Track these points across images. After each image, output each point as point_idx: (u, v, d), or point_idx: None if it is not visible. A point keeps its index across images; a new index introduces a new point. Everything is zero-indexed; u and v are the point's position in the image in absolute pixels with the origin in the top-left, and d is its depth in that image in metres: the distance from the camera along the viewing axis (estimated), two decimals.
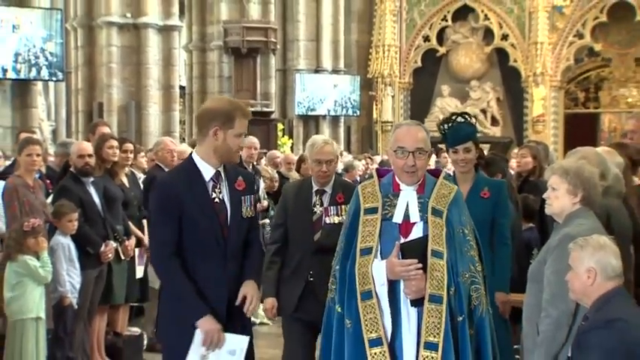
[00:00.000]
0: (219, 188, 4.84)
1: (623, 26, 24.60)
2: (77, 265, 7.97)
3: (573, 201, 4.84)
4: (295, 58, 23.85)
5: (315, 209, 5.99)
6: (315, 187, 6.01)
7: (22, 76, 14.78)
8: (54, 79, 16.85)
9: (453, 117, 6.13)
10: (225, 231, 4.80)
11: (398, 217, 4.48)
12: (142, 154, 10.50)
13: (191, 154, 4.92)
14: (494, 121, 25.73)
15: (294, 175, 12.44)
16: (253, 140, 12.12)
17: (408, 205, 4.49)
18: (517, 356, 6.48)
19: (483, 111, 25.70)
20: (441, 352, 4.20)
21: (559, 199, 4.86)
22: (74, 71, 18.72)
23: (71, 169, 8.54)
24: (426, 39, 25.72)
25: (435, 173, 4.66)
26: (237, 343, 4.75)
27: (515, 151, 10.32)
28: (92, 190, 8.40)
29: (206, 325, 4.65)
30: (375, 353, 4.33)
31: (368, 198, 4.60)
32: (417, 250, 4.30)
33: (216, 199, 4.81)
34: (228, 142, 4.73)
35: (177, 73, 19.15)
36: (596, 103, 26.31)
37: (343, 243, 4.65)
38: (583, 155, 5.68)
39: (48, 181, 9.44)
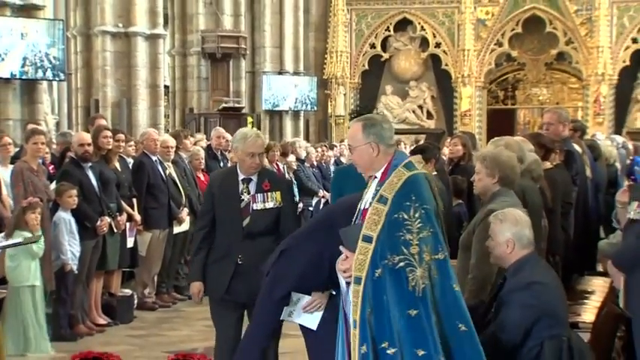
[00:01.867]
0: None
1: (535, 36, 24.74)
2: (77, 236, 7.96)
3: (492, 182, 4.87)
4: (262, 61, 23.73)
5: (243, 197, 5.47)
6: (241, 176, 5.51)
7: (29, 76, 14.64)
8: (57, 79, 16.64)
9: (364, 108, 5.81)
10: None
11: (362, 204, 4.21)
12: (131, 143, 10.44)
13: None
14: (429, 115, 25.81)
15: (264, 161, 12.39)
16: (221, 131, 12.12)
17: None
18: None
19: (420, 107, 25.78)
20: (358, 329, 3.88)
21: (481, 181, 4.89)
22: (74, 73, 18.54)
23: (72, 155, 8.50)
24: (372, 46, 25.70)
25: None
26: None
27: (448, 140, 10.33)
28: (90, 174, 8.38)
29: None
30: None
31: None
32: (353, 235, 4.02)
33: None
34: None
35: (162, 74, 19.00)
36: (513, 101, 26.44)
37: None
38: (506, 143, 5.72)
39: (52, 166, 9.38)
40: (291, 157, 13.28)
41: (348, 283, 4.05)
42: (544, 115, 8.60)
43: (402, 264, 3.80)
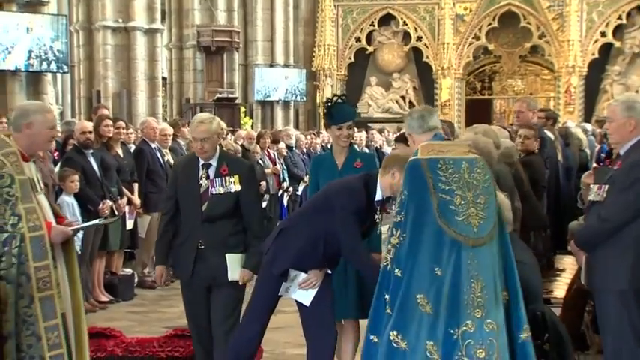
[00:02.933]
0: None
1: (510, 30, 24.74)
2: (80, 219, 7.90)
3: None
4: (254, 55, 23.68)
5: (201, 182, 5.21)
6: (201, 162, 5.24)
7: (34, 69, 14.58)
8: (61, 71, 16.56)
9: (335, 97, 5.64)
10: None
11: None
12: (131, 131, 10.41)
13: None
14: (411, 105, 25.69)
15: (256, 149, 12.40)
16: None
17: None
18: None
19: (403, 97, 25.77)
20: None
21: None
22: (77, 65, 18.48)
23: (74, 142, 8.48)
24: (358, 40, 25.66)
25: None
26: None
27: None
28: (92, 160, 8.37)
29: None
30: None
31: None
32: None
33: None
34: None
35: (160, 67, 18.97)
36: (490, 91, 26.48)
37: None
38: (484, 130, 5.72)
39: (56, 153, 9.35)
40: (282, 145, 13.27)
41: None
42: (515, 104, 8.68)
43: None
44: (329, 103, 5.56)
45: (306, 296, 4.75)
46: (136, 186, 9.24)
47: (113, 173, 8.68)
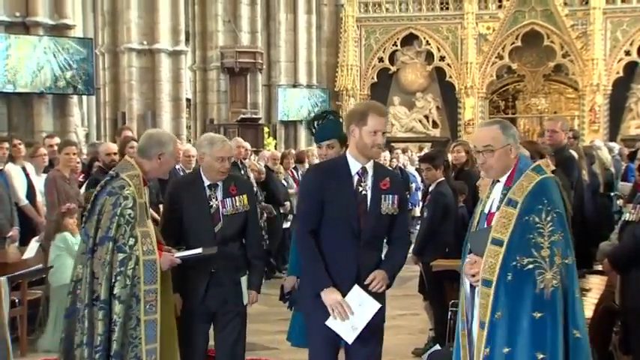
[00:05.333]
0: (365, 182, 4.29)
1: (534, 50, 24.68)
2: None
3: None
4: (277, 75, 23.80)
5: (212, 202, 4.93)
6: (207, 182, 4.96)
7: (61, 91, 14.71)
8: (86, 93, 16.70)
9: (324, 114, 5.41)
10: (362, 221, 4.25)
11: (486, 208, 3.99)
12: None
13: (346, 149, 4.44)
14: (434, 124, 25.78)
15: (280, 169, 12.43)
16: (240, 140, 12.09)
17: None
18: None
19: (426, 116, 25.77)
20: (486, 331, 3.69)
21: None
22: (102, 87, 18.66)
23: (99, 164, 8.53)
24: (381, 60, 25.72)
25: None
26: (368, 303, 4.22)
27: (451, 147, 10.28)
28: None
29: (327, 295, 4.16)
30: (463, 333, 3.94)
31: (483, 190, 4.23)
32: (480, 239, 3.83)
33: (361, 192, 4.28)
34: (364, 138, 4.22)
35: (184, 88, 19.09)
36: (514, 110, 26.38)
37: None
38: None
39: (82, 175, 9.41)
40: (307, 165, 13.29)
41: (472, 286, 3.89)
42: (547, 122, 8.62)
43: (530, 266, 3.64)
44: (315, 122, 5.37)
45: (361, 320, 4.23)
46: (161, 207, 9.27)
47: None
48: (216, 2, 20.96)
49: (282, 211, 11.96)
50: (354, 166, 4.30)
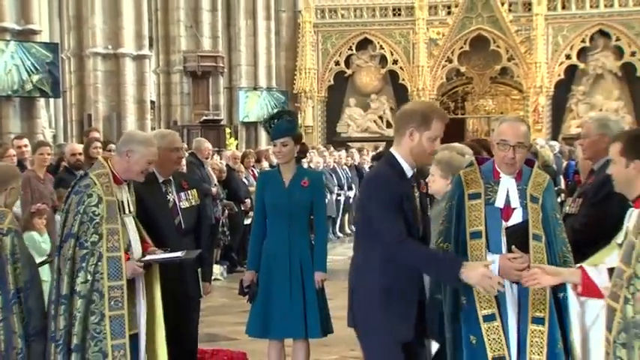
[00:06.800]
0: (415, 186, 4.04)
1: (481, 54, 24.86)
2: None
3: (446, 182, 4.86)
4: (238, 78, 23.69)
5: (169, 197, 4.98)
6: (160, 179, 4.97)
7: (28, 94, 14.52)
8: (53, 96, 16.47)
9: (278, 114, 5.42)
10: (417, 222, 3.98)
11: (500, 202, 3.83)
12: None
13: (390, 152, 3.93)
14: (388, 125, 25.77)
15: (240, 168, 12.38)
16: (205, 141, 12.02)
17: (508, 192, 3.86)
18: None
19: (380, 117, 25.81)
20: (548, 326, 3.62)
21: (436, 182, 4.88)
22: (69, 90, 18.38)
23: (65, 164, 8.46)
24: (337, 63, 25.71)
25: (529, 163, 3.97)
26: None
27: None
28: None
29: (470, 272, 3.60)
30: (489, 327, 3.71)
31: (471, 184, 3.89)
32: (518, 234, 3.73)
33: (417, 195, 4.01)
34: (423, 143, 3.84)
35: (148, 91, 18.92)
36: (463, 111, 26.54)
37: (444, 225, 3.91)
38: (458, 149, 5.73)
39: (49, 175, 9.28)
40: (265, 163, 13.26)
41: (516, 282, 3.72)
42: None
43: (562, 260, 3.76)
44: (271, 120, 5.36)
45: None
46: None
47: None
48: (178, 9, 20.79)
49: (243, 207, 11.93)
50: (408, 171, 3.96)
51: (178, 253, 4.54)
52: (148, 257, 4.45)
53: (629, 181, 3.35)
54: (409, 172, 3.95)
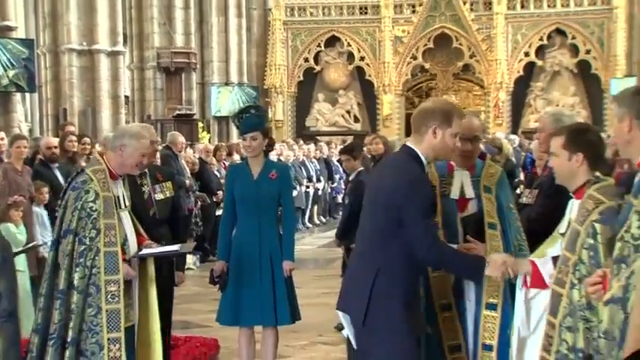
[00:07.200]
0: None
1: (444, 51, 25.04)
2: (49, 227, 7.83)
3: None
4: (210, 74, 23.60)
5: (144, 189, 5.03)
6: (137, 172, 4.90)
7: (4, 89, 14.38)
8: (29, 91, 16.33)
9: (247, 109, 5.43)
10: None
11: (455, 194, 3.84)
12: (97, 146, 10.34)
13: (409, 148, 3.64)
14: (355, 119, 25.92)
15: (212, 161, 12.37)
16: (179, 134, 11.99)
17: (462, 184, 3.86)
18: None
19: (348, 112, 25.87)
20: (500, 311, 3.61)
21: None
22: (44, 85, 18.22)
23: (40, 157, 8.41)
24: (306, 60, 25.73)
25: (481, 156, 3.95)
26: None
27: (369, 139, 10.35)
28: (57, 173, 8.28)
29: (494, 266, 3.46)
30: (445, 317, 3.73)
31: None
32: (474, 224, 3.74)
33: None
34: (446, 140, 3.58)
35: (123, 86, 18.81)
36: None
37: None
38: None
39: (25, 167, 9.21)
40: (236, 156, 13.27)
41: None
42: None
43: (518, 248, 3.97)
44: (240, 115, 5.35)
45: None
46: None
47: None
48: (151, 6, 20.66)
49: (215, 199, 11.93)
50: (426, 168, 3.76)
51: (175, 247, 4.57)
52: (144, 251, 4.46)
53: (572, 174, 3.39)
54: (426, 169, 3.77)
